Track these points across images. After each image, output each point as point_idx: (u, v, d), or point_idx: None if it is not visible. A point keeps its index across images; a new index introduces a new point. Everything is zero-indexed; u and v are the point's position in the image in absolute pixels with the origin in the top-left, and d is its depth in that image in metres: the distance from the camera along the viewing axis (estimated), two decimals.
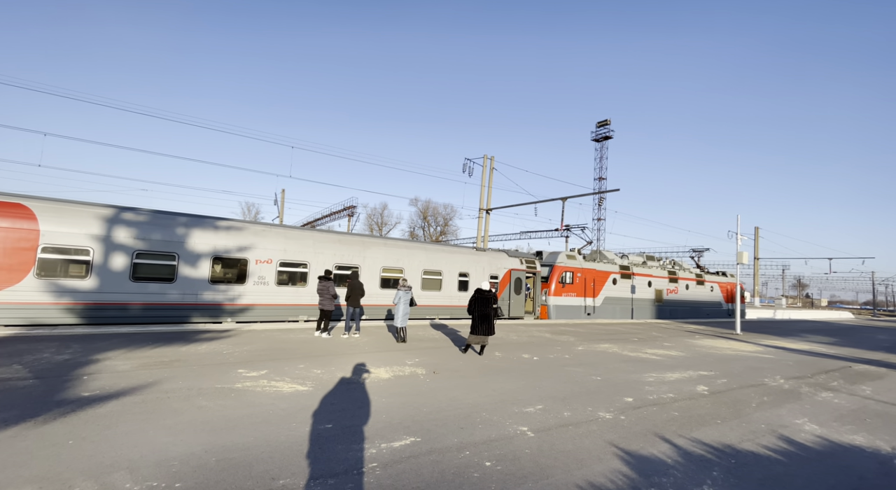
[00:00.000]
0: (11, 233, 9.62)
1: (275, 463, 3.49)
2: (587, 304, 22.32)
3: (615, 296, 23.95)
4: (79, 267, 10.32)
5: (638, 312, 25.25)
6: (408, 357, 8.39)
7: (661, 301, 26.79)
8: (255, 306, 12.58)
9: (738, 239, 18.49)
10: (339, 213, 42.90)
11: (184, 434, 3.98)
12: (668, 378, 7.77)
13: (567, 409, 5.46)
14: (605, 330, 16.22)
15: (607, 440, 4.41)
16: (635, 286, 25.19)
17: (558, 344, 11.50)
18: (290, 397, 5.33)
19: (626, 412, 5.45)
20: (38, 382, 5.37)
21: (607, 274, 23.68)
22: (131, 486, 3.02)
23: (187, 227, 11.81)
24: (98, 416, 4.31)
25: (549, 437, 4.40)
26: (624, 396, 6.24)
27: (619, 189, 21.16)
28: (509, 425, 4.70)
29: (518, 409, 5.33)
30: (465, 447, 4.03)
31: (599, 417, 5.17)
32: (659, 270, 27.24)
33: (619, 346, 11.85)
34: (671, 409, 5.69)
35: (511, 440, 4.27)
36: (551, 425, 4.78)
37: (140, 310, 10.93)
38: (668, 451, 4.22)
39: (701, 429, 4.95)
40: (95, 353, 7.17)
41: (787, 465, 4.07)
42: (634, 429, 4.82)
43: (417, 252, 16.29)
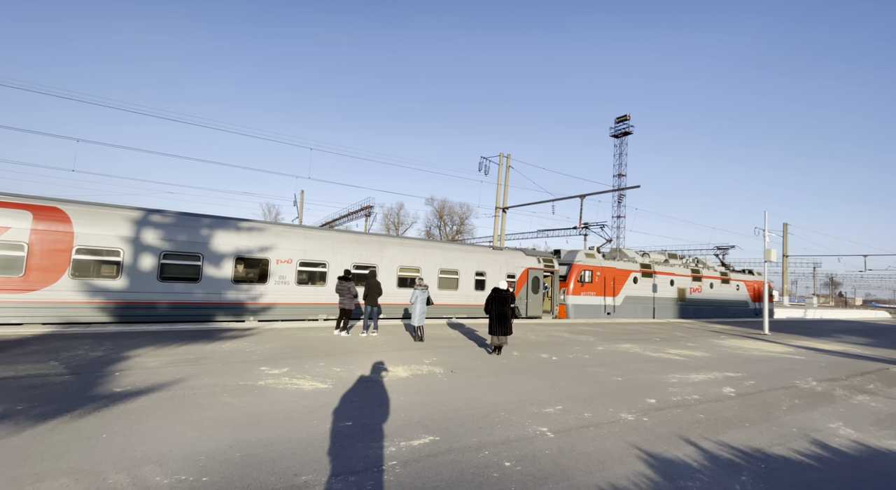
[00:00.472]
0: (48, 235, 10.09)
1: (297, 459, 3.55)
2: (607, 303, 21.94)
3: (636, 295, 23.47)
4: (110, 267, 10.73)
5: (660, 312, 24.68)
6: (425, 356, 8.42)
7: (684, 300, 26.11)
8: (276, 305, 12.84)
9: (766, 236, 17.85)
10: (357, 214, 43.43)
11: (210, 429, 4.10)
12: (692, 379, 7.56)
13: (587, 409, 5.37)
14: (625, 330, 15.91)
15: (629, 442, 4.32)
16: (657, 285, 24.62)
17: (577, 344, 11.34)
18: (311, 395, 5.42)
19: (649, 414, 5.33)
20: (73, 378, 5.61)
21: (628, 272, 23.22)
22: (161, 479, 3.12)
23: (211, 229, 12.14)
24: (129, 411, 4.48)
25: (569, 438, 4.34)
26: (646, 397, 6.11)
27: (639, 185, 20.74)
28: (528, 426, 4.66)
29: (537, 409, 5.28)
30: (485, 447, 4.01)
31: (621, 419, 5.07)
32: (682, 269, 26.55)
33: (641, 346, 11.61)
34: (696, 412, 5.54)
35: (530, 441, 4.23)
36: (571, 426, 4.72)
37: (167, 309, 11.30)
38: (694, 454, 4.10)
39: (728, 432, 4.80)
40: (126, 351, 7.45)
41: (821, 470, 3.90)
42: (658, 431, 4.71)
43: (434, 251, 16.32)
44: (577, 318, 20.34)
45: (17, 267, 9.74)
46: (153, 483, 3.05)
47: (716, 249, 33.62)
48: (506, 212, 24.85)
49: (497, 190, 24.76)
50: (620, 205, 57.88)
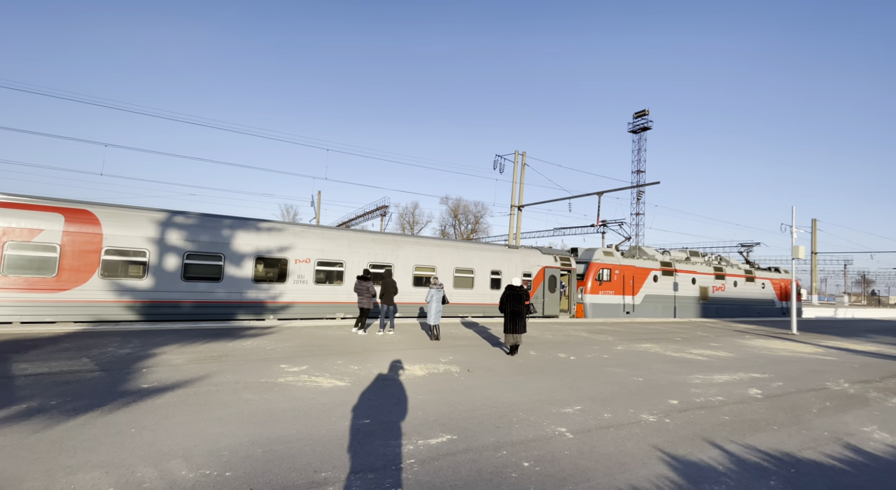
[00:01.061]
0: (79, 237, 10.49)
1: (316, 456, 3.60)
2: (626, 302, 21.56)
3: (656, 293, 22.98)
4: (137, 267, 11.10)
5: (681, 311, 24.11)
6: (441, 355, 8.43)
7: (706, 299, 25.44)
8: (294, 304, 13.06)
9: (793, 232, 17.22)
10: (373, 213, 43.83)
11: (232, 425, 4.19)
12: (716, 380, 7.36)
13: (607, 410, 5.29)
14: (645, 329, 15.60)
15: (651, 444, 4.23)
16: (678, 283, 24.05)
17: (596, 343, 11.18)
18: (330, 392, 5.49)
19: (671, 415, 5.21)
20: (103, 374, 5.83)
21: (647, 271, 22.76)
22: (186, 473, 3.21)
23: (232, 229, 12.43)
24: (156, 407, 4.62)
25: (588, 439, 4.28)
26: (668, 399, 5.97)
27: (658, 182, 20.30)
28: (547, 426, 4.61)
29: (555, 409, 5.22)
30: (502, 446, 3.99)
31: (642, 420, 4.97)
32: (704, 266, 25.87)
33: (662, 345, 11.36)
34: (721, 413, 5.38)
35: (549, 441, 4.18)
36: (591, 427, 4.65)
37: (191, 307, 11.62)
38: (719, 457, 3.99)
39: (755, 435, 4.65)
40: (153, 348, 7.69)
41: (854, 476, 3.74)
42: (681, 433, 4.60)
43: (449, 250, 16.33)
44: (596, 318, 20.04)
45: (51, 267, 10.17)
46: (179, 477, 3.14)
47: (740, 247, 32.65)
48: (521, 210, 24.66)
49: (512, 188, 24.61)
50: (639, 202, 56.77)
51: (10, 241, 9.82)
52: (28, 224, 10.03)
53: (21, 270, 9.90)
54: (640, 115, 57.98)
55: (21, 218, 9.99)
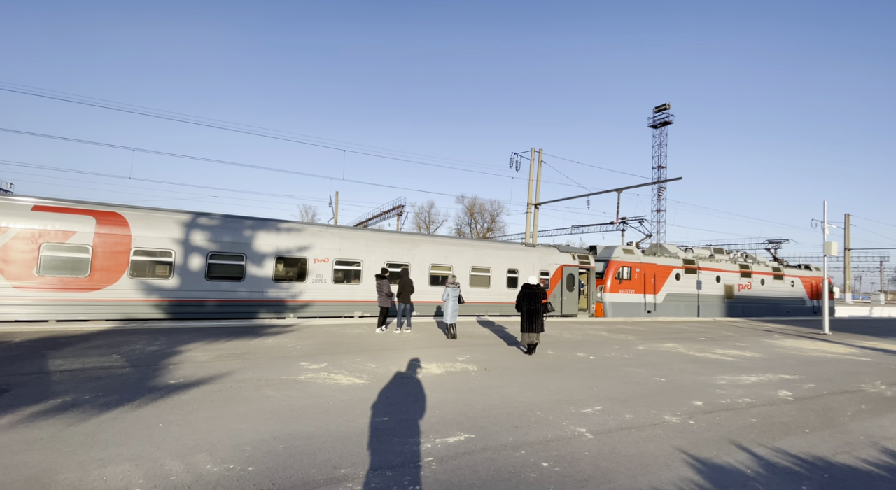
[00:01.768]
0: (110, 238, 10.91)
1: (336, 452, 3.64)
2: (647, 301, 21.09)
3: (679, 292, 22.41)
4: (163, 267, 11.47)
5: (705, 310, 23.44)
6: (458, 353, 8.42)
7: (731, 297, 24.66)
8: (314, 303, 13.27)
9: (825, 228, 16.51)
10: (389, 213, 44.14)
11: (254, 421, 4.28)
12: (742, 381, 7.13)
13: (628, 411, 5.18)
14: (668, 328, 15.23)
15: (675, 446, 4.13)
16: (701, 281, 23.38)
17: (616, 343, 10.97)
18: (349, 390, 5.55)
19: (696, 417, 5.07)
20: (133, 371, 6.04)
21: (669, 269, 22.20)
22: (211, 467, 3.29)
23: (253, 230, 12.71)
24: (182, 403, 4.76)
25: (609, 440, 4.20)
26: (692, 400, 5.81)
27: (681, 177, 19.79)
28: (566, 426, 4.55)
29: (575, 409, 5.14)
30: (521, 446, 3.95)
31: (665, 421, 4.85)
32: (729, 264, 25.07)
33: (685, 345, 11.07)
34: (748, 416, 5.21)
35: (568, 441, 4.13)
36: (612, 428, 4.56)
37: (215, 306, 11.94)
38: (747, 460, 3.86)
39: (785, 438, 4.47)
40: (179, 346, 7.94)
41: (891, 481, 3.56)
42: (706, 435, 4.46)
43: (465, 249, 16.30)
44: (616, 317, 19.68)
45: (84, 268, 10.61)
46: (204, 471, 3.23)
47: (767, 243, 31.52)
48: (538, 208, 24.42)
49: (529, 186, 24.39)
50: (660, 198, 55.47)
51: (46, 242, 10.29)
52: (62, 226, 10.48)
53: (56, 271, 10.36)
54: (661, 109, 56.61)
55: (56, 221, 10.45)
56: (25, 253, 10.11)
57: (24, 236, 10.12)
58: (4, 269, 9.91)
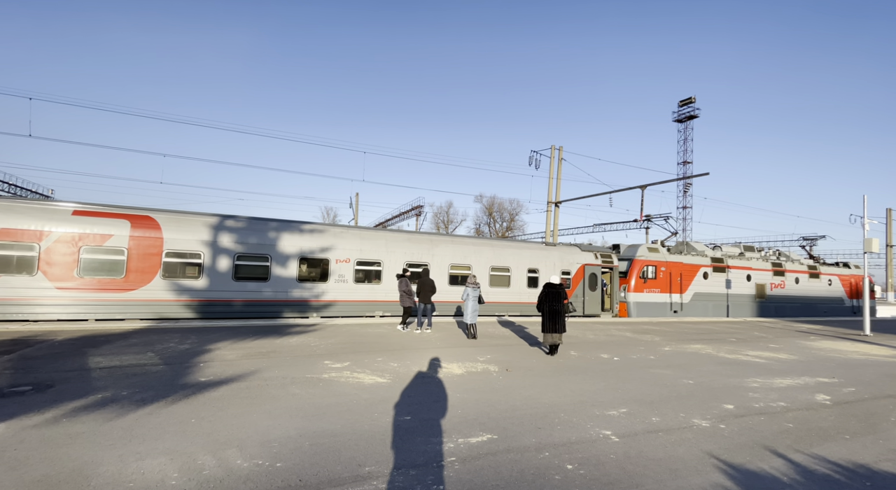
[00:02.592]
0: (143, 241, 11.39)
1: (360, 450, 3.69)
2: (673, 300, 20.51)
3: (706, 291, 21.70)
4: (193, 269, 11.89)
5: (735, 310, 22.62)
6: (479, 353, 8.40)
7: (763, 297, 23.71)
8: (336, 302, 13.49)
9: (865, 223, 15.66)
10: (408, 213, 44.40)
11: (281, 418, 4.39)
12: (776, 384, 6.84)
13: (655, 414, 5.05)
14: (695, 329, 14.78)
15: (705, 450, 4.00)
16: (731, 280, 22.58)
17: (641, 344, 10.72)
18: (371, 388, 5.62)
19: (727, 421, 4.90)
20: (166, 368, 6.29)
21: (696, 267, 21.53)
22: (241, 462, 3.40)
23: (277, 232, 13.03)
24: (213, 399, 4.93)
25: (635, 443, 4.11)
26: (722, 403, 5.62)
27: (708, 173, 19.16)
28: (590, 428, 4.48)
29: (599, 411, 5.06)
30: (544, 448, 3.91)
31: (694, 425, 4.71)
32: (760, 262, 24.11)
33: (714, 346, 10.72)
34: (783, 420, 5.00)
35: (593, 444, 4.06)
36: (638, 430, 4.46)
37: (242, 306, 12.30)
38: (783, 467, 3.70)
39: (824, 444, 4.27)
40: (208, 344, 8.21)
41: None
42: (738, 440, 4.31)
43: (484, 248, 16.24)
44: (640, 317, 19.23)
45: (120, 269, 11.11)
46: (235, 466, 3.33)
47: (801, 240, 30.19)
48: (558, 206, 24.11)
49: (549, 184, 24.10)
50: (686, 194, 53.85)
51: (85, 245, 10.83)
52: (100, 230, 11.01)
53: (95, 272, 10.89)
54: (686, 102, 54.94)
55: (94, 225, 10.98)
56: (66, 255, 10.66)
57: (66, 240, 10.68)
58: (47, 271, 10.48)
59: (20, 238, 10.31)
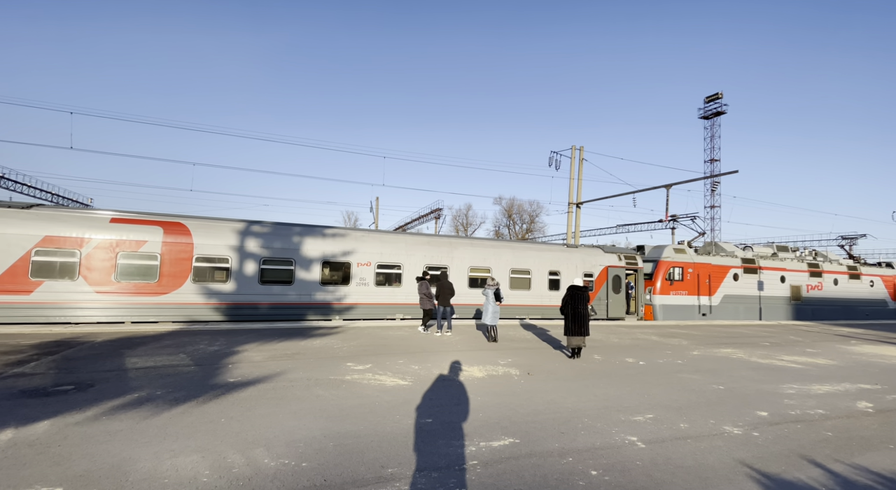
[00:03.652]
0: (175, 246, 11.87)
1: (383, 452, 3.73)
2: (701, 303, 19.84)
3: (737, 293, 20.90)
4: (221, 273, 12.30)
5: (768, 313, 21.69)
6: (500, 357, 8.35)
7: (799, 299, 22.65)
8: (357, 305, 13.68)
9: None
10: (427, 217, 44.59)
11: (306, 419, 4.49)
12: (814, 391, 6.53)
13: (683, 420, 4.91)
14: (725, 332, 14.25)
15: (737, 459, 3.86)
16: (763, 282, 21.67)
17: (668, 347, 10.42)
18: (393, 391, 5.67)
19: (760, 428, 4.71)
20: (197, 369, 6.52)
21: (726, 268, 20.78)
22: (268, 461, 3.49)
23: (301, 236, 13.34)
24: (241, 400, 5.08)
25: (662, 450, 4.00)
26: (755, 410, 5.41)
27: (736, 171, 18.50)
28: (615, 434, 4.39)
29: (624, 417, 4.94)
30: (568, 453, 3.86)
31: (725, 432, 4.55)
32: (795, 263, 23.06)
33: (746, 351, 10.31)
34: (822, 429, 4.77)
35: (619, 450, 3.97)
36: (665, 437, 4.34)
37: (267, 309, 12.63)
38: (821, 477, 3.53)
39: (866, 454, 4.05)
40: (236, 346, 8.47)
41: None
42: (772, 448, 4.14)
43: (504, 251, 16.15)
44: (667, 320, 18.69)
45: (154, 274, 11.60)
46: (262, 465, 3.42)
47: (840, 239, 28.73)
48: (579, 207, 23.74)
49: (569, 185, 23.78)
50: (714, 193, 52.15)
51: (122, 251, 11.36)
52: (135, 236, 11.53)
53: (130, 277, 11.41)
54: (713, 98, 53.31)
55: (130, 231, 11.52)
56: (105, 261, 11.21)
57: (104, 246, 11.24)
58: (88, 275, 11.04)
59: (63, 245, 10.91)
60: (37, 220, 10.88)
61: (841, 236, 28.71)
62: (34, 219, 10.89)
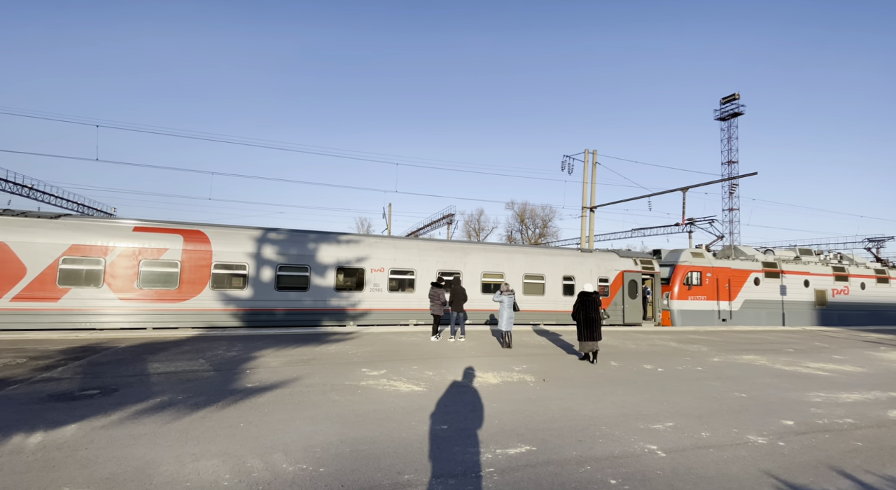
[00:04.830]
0: (195, 254, 12.15)
1: (399, 458, 3.74)
2: (721, 308, 19.37)
3: (758, 298, 20.34)
4: (238, 279, 12.53)
5: (791, 318, 21.04)
6: (514, 363, 8.29)
7: (824, 304, 21.92)
8: (371, 311, 13.76)
9: None
10: (439, 222, 44.71)
11: (323, 425, 4.52)
12: (842, 399, 6.30)
13: (705, 428, 4.79)
14: (746, 339, 13.87)
15: (763, 469, 3.74)
16: (786, 286, 21.06)
17: (687, 354, 10.19)
18: (408, 397, 5.68)
19: (786, 438, 4.56)
20: (216, 374, 6.64)
21: (746, 273, 20.27)
22: (287, 466, 3.53)
23: (316, 243, 13.52)
24: (259, 405, 5.15)
25: (684, 459, 3.91)
26: (781, 419, 5.24)
27: (756, 172, 18.06)
28: (634, 442, 4.30)
29: (643, 425, 4.85)
30: (586, 461, 3.80)
31: (749, 441, 4.42)
32: (819, 266, 22.36)
33: (769, 357, 10.01)
34: (852, 438, 4.59)
35: (638, 458, 3.90)
36: (686, 446, 4.24)
37: (283, 315, 12.80)
38: (851, 489, 3.40)
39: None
40: (254, 351, 8.60)
41: None
42: (799, 459, 4.00)
43: (517, 256, 16.06)
44: (685, 326, 18.29)
45: (174, 281, 11.89)
46: (281, 470, 3.46)
47: (867, 242, 27.76)
48: (593, 211, 23.50)
49: (583, 189, 23.58)
50: (732, 196, 51.04)
51: (144, 259, 11.68)
52: (157, 244, 11.85)
53: (152, 284, 11.71)
54: (729, 99, 52.36)
55: (151, 240, 11.85)
56: (128, 268, 11.54)
57: (127, 254, 11.57)
58: (112, 282, 11.38)
59: (89, 253, 11.28)
60: (64, 230, 11.28)
61: (867, 238, 27.79)
62: (61, 228, 11.29)
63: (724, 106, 52.78)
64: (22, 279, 10.73)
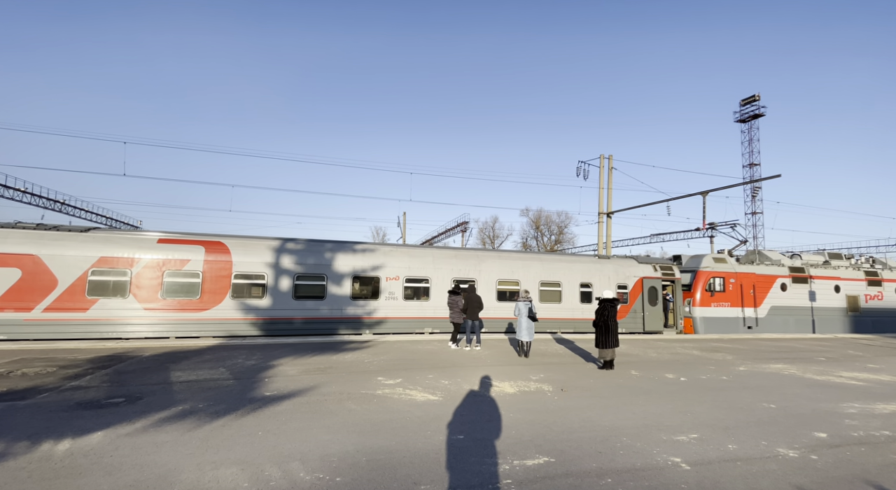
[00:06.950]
0: (216, 265, 12.46)
1: (415, 468, 3.71)
2: (746, 315, 18.74)
3: (786, 305, 19.61)
4: (258, 289, 12.77)
5: (822, 325, 20.18)
6: (531, 372, 8.17)
7: (856, 310, 20.97)
8: (387, 319, 13.80)
9: None
10: (453, 230, 44.78)
11: (339, 434, 4.54)
12: (879, 410, 5.99)
13: (731, 440, 4.61)
14: (774, 347, 13.36)
15: (794, 484, 3.58)
16: (815, 292, 20.25)
17: (711, 363, 9.87)
18: (424, 406, 5.65)
19: (819, 451, 4.35)
20: (236, 383, 6.75)
21: (772, 278, 19.59)
22: (304, 475, 3.55)
23: (332, 252, 13.70)
24: (277, 413, 5.21)
25: (710, 473, 3.77)
26: (813, 431, 5.01)
27: (779, 175, 17.55)
28: (657, 454, 4.18)
29: (666, 436, 4.70)
30: (606, 474, 3.70)
31: (779, 454, 4.23)
32: (850, 271, 21.45)
33: (799, 366, 9.61)
34: (889, 452, 4.35)
35: (661, 471, 3.78)
36: (712, 459, 4.09)
37: (301, 323, 12.96)
38: None
39: None
40: (272, 360, 8.72)
41: None
42: (834, 473, 3.81)
43: (533, 263, 15.92)
44: (708, 333, 17.74)
45: (196, 291, 12.19)
46: (298, 478, 3.48)
47: None
48: (610, 217, 23.18)
49: (599, 194, 23.31)
50: (755, 200, 49.66)
51: (168, 270, 12.04)
52: (180, 256, 12.21)
53: (175, 294, 12.04)
54: (749, 101, 51.26)
55: (175, 251, 12.21)
56: (152, 279, 11.90)
57: (152, 265, 11.95)
58: (137, 293, 11.74)
59: (116, 265, 11.69)
60: (93, 243, 11.73)
61: None
62: (91, 241, 11.75)
63: (744, 108, 51.67)
64: (54, 290, 11.18)
